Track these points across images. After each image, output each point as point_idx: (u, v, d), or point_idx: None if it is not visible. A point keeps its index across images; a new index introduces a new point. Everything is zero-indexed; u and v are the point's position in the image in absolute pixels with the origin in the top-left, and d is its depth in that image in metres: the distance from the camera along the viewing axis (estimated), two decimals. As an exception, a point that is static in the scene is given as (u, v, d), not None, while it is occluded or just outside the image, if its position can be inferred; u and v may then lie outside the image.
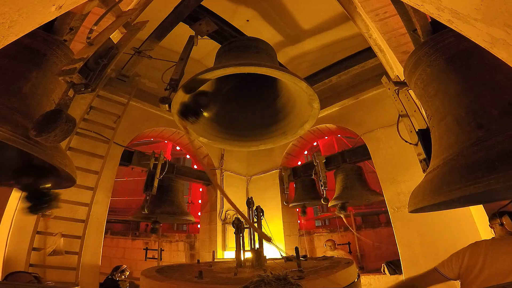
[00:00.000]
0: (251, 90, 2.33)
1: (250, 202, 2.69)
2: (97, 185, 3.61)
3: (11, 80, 1.42)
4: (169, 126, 5.20)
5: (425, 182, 1.33)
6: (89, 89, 1.41)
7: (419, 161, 1.71)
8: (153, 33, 3.42)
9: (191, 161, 6.52)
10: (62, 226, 3.27)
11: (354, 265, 2.16)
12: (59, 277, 3.07)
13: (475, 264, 1.75)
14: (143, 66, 4.18)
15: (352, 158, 4.87)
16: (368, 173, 5.47)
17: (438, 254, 2.45)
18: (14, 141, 1.20)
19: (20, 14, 0.74)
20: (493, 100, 1.20)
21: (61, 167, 1.42)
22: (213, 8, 3.22)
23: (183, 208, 4.67)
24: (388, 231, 4.91)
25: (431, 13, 0.84)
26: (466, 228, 3.18)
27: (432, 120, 1.47)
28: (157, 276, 1.95)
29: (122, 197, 8.12)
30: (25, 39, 1.40)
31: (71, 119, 1.23)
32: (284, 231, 5.53)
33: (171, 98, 1.88)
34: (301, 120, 1.98)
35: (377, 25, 2.38)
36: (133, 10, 2.06)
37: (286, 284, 0.92)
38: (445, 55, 1.41)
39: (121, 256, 6.80)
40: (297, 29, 4.46)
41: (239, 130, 2.24)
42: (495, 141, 1.06)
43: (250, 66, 1.66)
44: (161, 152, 4.53)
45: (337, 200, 4.48)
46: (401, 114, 1.96)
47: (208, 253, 5.34)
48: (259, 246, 2.45)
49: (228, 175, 5.86)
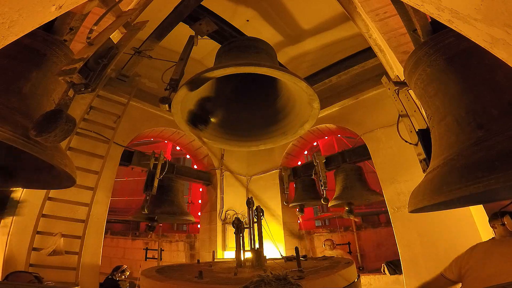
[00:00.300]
0: (251, 90, 2.33)
1: (250, 202, 2.70)
2: (97, 185, 3.61)
3: (11, 80, 1.42)
4: (169, 126, 5.20)
5: (425, 182, 1.33)
6: (89, 89, 1.41)
7: (419, 161, 1.71)
8: (153, 33, 3.42)
9: (191, 161, 6.52)
10: (62, 226, 3.27)
11: (354, 265, 2.16)
12: (59, 277, 3.06)
13: (474, 266, 1.78)
14: (143, 66, 4.18)
15: (352, 158, 4.87)
16: (368, 173, 5.46)
17: (438, 254, 2.45)
18: (14, 141, 1.20)
19: (20, 14, 0.74)
20: (493, 100, 1.20)
21: (61, 167, 1.42)
22: (213, 8, 3.22)
23: (183, 208, 4.67)
24: (388, 231, 4.91)
25: (431, 13, 0.84)
26: (466, 228, 3.17)
27: (432, 120, 1.47)
28: (157, 276, 1.95)
29: (122, 197, 8.13)
30: (25, 39, 1.40)
31: (71, 119, 1.23)
32: (284, 231, 5.53)
33: (171, 98, 1.88)
34: (301, 120, 1.98)
35: (377, 25, 2.38)
36: (133, 10, 2.06)
37: (286, 284, 0.92)
38: (445, 55, 1.41)
39: (121, 256, 6.80)
40: (297, 29, 4.46)
41: (239, 130, 2.24)
42: (495, 141, 1.06)
43: (250, 66, 1.66)
44: (161, 152, 4.53)
45: (337, 200, 4.48)
46: (401, 114, 1.96)
47: (208, 253, 5.33)
48: (259, 246, 2.45)
49: (228, 175, 5.86)
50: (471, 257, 1.84)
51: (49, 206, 3.26)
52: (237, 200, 5.75)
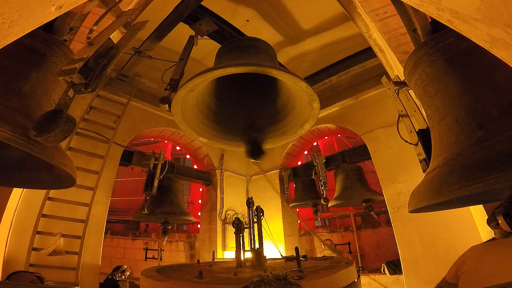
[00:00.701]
0: (251, 90, 2.33)
1: (250, 202, 2.70)
2: (97, 185, 3.61)
3: (11, 80, 1.42)
4: (169, 126, 5.20)
5: (425, 182, 1.33)
6: (89, 89, 1.41)
7: (419, 161, 1.71)
8: (153, 33, 3.42)
9: (191, 161, 6.52)
10: (62, 226, 3.27)
11: (354, 265, 2.16)
12: (59, 277, 3.07)
13: (470, 269, 1.79)
14: (143, 66, 4.18)
15: (352, 158, 4.87)
16: (368, 173, 5.47)
17: (438, 254, 2.46)
18: (14, 141, 1.20)
19: (20, 14, 0.74)
20: (493, 100, 1.20)
21: (61, 167, 1.42)
22: (213, 8, 3.22)
23: (183, 208, 4.67)
24: (388, 231, 4.91)
25: (431, 13, 0.84)
26: (466, 228, 3.18)
27: (432, 120, 1.47)
28: (157, 276, 1.95)
29: (122, 197, 8.13)
30: (25, 39, 1.40)
31: (71, 119, 1.23)
32: (284, 231, 5.53)
33: (171, 98, 1.88)
34: (301, 120, 1.98)
35: (377, 25, 2.38)
36: (133, 10, 2.06)
37: (286, 284, 0.92)
38: (445, 55, 1.41)
39: (121, 256, 6.80)
40: (297, 29, 4.46)
41: (239, 130, 2.24)
42: (495, 141, 1.06)
43: (250, 66, 1.66)
44: (161, 152, 4.53)
45: (337, 200, 4.48)
46: (401, 114, 1.96)
47: (208, 253, 5.33)
48: (259, 246, 2.45)
49: (228, 175, 5.86)
50: (466, 260, 1.85)
51: (49, 206, 3.26)
52: (237, 200, 5.75)
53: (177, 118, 1.93)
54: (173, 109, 1.85)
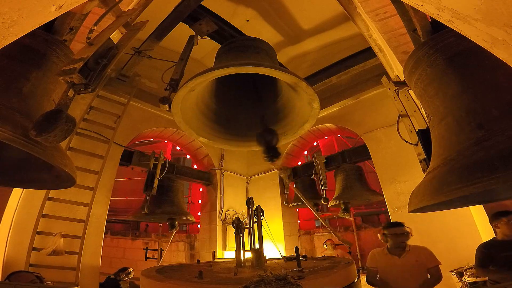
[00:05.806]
0: (251, 90, 2.33)
1: (250, 202, 2.69)
2: (97, 185, 3.61)
3: (11, 80, 1.42)
4: (169, 126, 5.20)
5: (425, 182, 1.33)
6: (89, 89, 1.41)
7: (419, 161, 1.71)
8: (153, 33, 3.42)
9: (191, 161, 6.52)
10: (62, 226, 3.27)
11: (354, 265, 2.16)
12: (59, 277, 3.06)
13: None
14: (143, 66, 4.19)
15: (352, 158, 4.87)
16: (368, 173, 5.46)
17: (438, 254, 2.46)
18: (14, 141, 1.20)
19: (20, 14, 0.74)
20: (493, 100, 1.20)
21: (61, 167, 1.42)
22: (213, 8, 3.22)
23: (183, 208, 4.67)
24: (388, 231, 4.89)
25: (431, 13, 0.84)
26: (466, 228, 3.18)
27: (432, 120, 1.47)
28: (157, 276, 1.95)
29: (122, 197, 8.13)
30: (25, 39, 1.40)
31: (71, 119, 1.23)
32: (284, 231, 5.53)
33: (171, 98, 1.88)
34: (301, 120, 1.98)
35: (377, 25, 2.38)
36: (133, 10, 2.06)
37: (286, 284, 0.92)
38: (445, 55, 1.41)
39: (121, 256, 6.80)
40: (297, 29, 4.46)
41: (239, 130, 2.24)
42: (495, 141, 1.06)
43: (250, 66, 1.66)
44: (161, 152, 4.53)
45: (337, 200, 4.48)
46: (401, 114, 1.96)
47: (208, 253, 5.33)
48: (259, 246, 2.45)
49: (228, 175, 5.86)
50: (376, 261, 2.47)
51: (49, 206, 3.26)
52: (237, 200, 5.75)
53: (177, 118, 1.93)
54: (173, 109, 1.85)
